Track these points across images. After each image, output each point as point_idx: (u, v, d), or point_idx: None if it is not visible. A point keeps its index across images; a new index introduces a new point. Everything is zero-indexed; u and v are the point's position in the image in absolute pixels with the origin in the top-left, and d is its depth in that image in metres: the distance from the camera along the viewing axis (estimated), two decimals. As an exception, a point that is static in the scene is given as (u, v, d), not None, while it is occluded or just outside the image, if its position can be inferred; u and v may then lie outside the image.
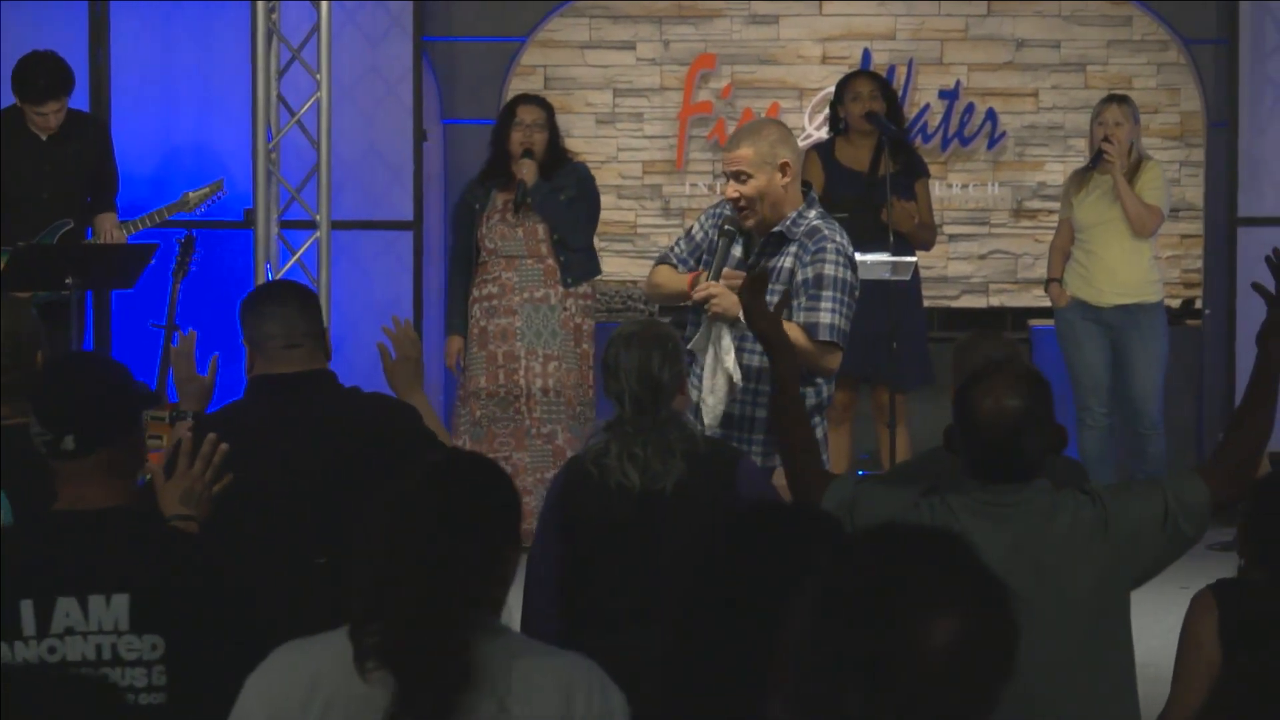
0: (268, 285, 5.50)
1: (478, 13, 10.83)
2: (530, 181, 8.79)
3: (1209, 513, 4.15)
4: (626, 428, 4.89)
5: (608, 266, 11.12)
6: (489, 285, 8.95)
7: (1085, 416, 9.32)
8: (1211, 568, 4.97)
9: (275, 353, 4.77)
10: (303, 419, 4.72)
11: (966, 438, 4.08)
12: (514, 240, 8.91)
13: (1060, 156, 11.12)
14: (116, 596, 3.54)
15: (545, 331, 8.92)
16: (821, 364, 5.84)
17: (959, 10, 11.19)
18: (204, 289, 9.75)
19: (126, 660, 3.54)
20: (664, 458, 4.84)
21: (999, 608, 2.13)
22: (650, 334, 4.98)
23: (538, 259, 8.91)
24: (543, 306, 8.92)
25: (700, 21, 11.21)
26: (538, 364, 8.88)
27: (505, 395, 8.85)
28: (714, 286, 5.79)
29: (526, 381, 8.87)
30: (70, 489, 3.66)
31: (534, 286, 8.92)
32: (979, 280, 11.26)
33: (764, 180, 5.91)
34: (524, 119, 8.90)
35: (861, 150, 9.23)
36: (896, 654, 2.08)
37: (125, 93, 10.33)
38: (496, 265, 8.94)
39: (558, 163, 8.93)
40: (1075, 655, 4.02)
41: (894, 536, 2.19)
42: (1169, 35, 10.99)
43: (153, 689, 3.54)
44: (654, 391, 4.90)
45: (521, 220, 8.90)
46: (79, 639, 3.54)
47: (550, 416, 8.89)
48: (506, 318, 8.92)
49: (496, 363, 8.89)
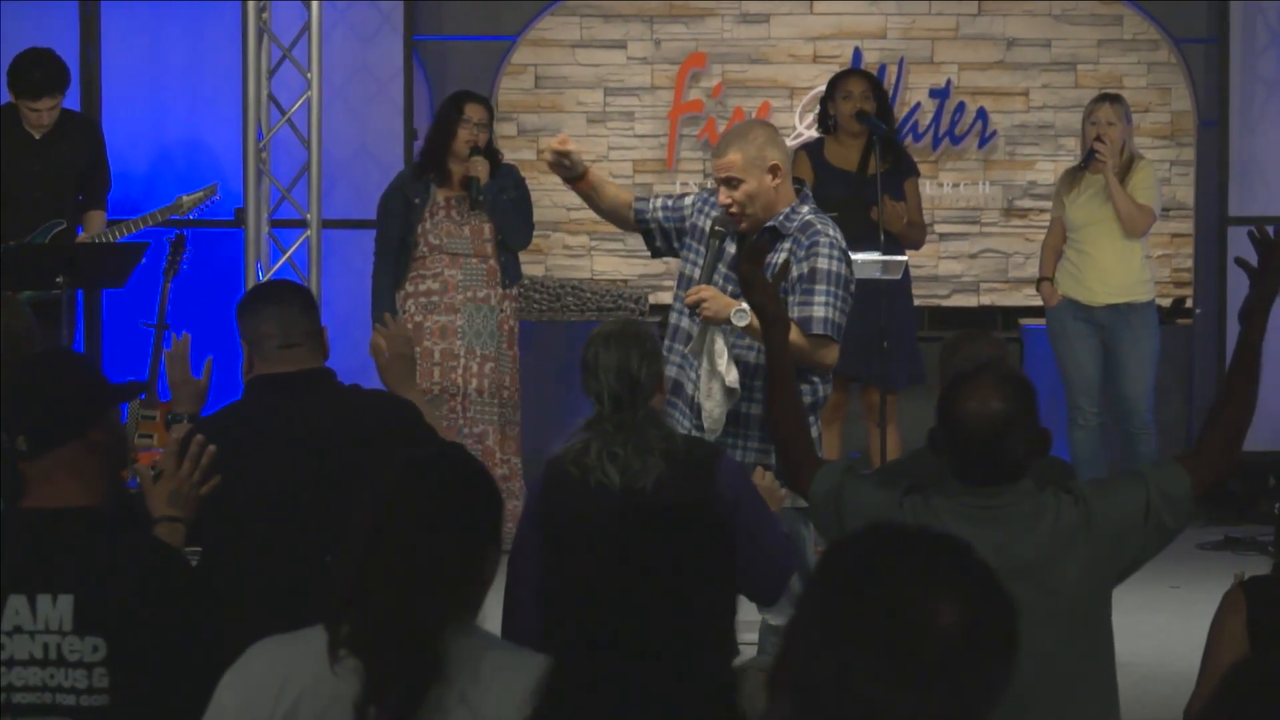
0: (264, 285, 5.49)
1: (468, 11, 10.83)
2: (484, 179, 8.80)
3: (1192, 502, 4.14)
4: (606, 426, 4.89)
5: (599, 265, 11.14)
6: (428, 281, 8.92)
7: (1076, 416, 9.32)
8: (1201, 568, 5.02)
9: (273, 353, 4.76)
10: (303, 418, 4.71)
11: (950, 439, 4.07)
12: (460, 238, 8.90)
13: (1051, 156, 11.13)
14: (62, 597, 3.54)
15: (485, 332, 8.93)
16: (816, 358, 5.83)
17: (950, 9, 11.19)
18: (195, 288, 9.75)
19: (69, 661, 3.53)
20: (643, 456, 4.83)
21: (1001, 596, 2.16)
22: (629, 333, 4.98)
23: (482, 258, 8.92)
24: (484, 307, 8.92)
25: (691, 20, 11.21)
26: (475, 364, 8.88)
27: (439, 394, 8.81)
28: (705, 290, 5.78)
29: (463, 381, 8.85)
30: (37, 487, 3.67)
31: (477, 286, 8.92)
32: (970, 279, 11.26)
33: (754, 184, 5.91)
34: (472, 117, 8.90)
35: (851, 150, 9.23)
36: (907, 634, 2.10)
37: (116, 92, 10.33)
38: (438, 261, 8.90)
39: (496, 163, 8.97)
40: (1059, 653, 4.02)
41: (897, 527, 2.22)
42: (1160, 34, 11.00)
43: (94, 690, 3.53)
44: (633, 390, 4.89)
45: (469, 219, 8.90)
46: (26, 637, 3.54)
47: (482, 416, 8.90)
48: (447, 315, 8.89)
49: (433, 360, 8.85)
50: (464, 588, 3.16)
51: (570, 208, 11.10)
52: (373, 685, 3.08)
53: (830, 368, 5.90)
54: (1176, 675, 4.94)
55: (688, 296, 5.85)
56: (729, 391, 5.81)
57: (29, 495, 3.68)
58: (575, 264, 11.15)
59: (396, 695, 3.08)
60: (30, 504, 3.67)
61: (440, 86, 10.68)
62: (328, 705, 3.12)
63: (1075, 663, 4.07)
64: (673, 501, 4.72)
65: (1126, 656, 4.98)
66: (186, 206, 9.18)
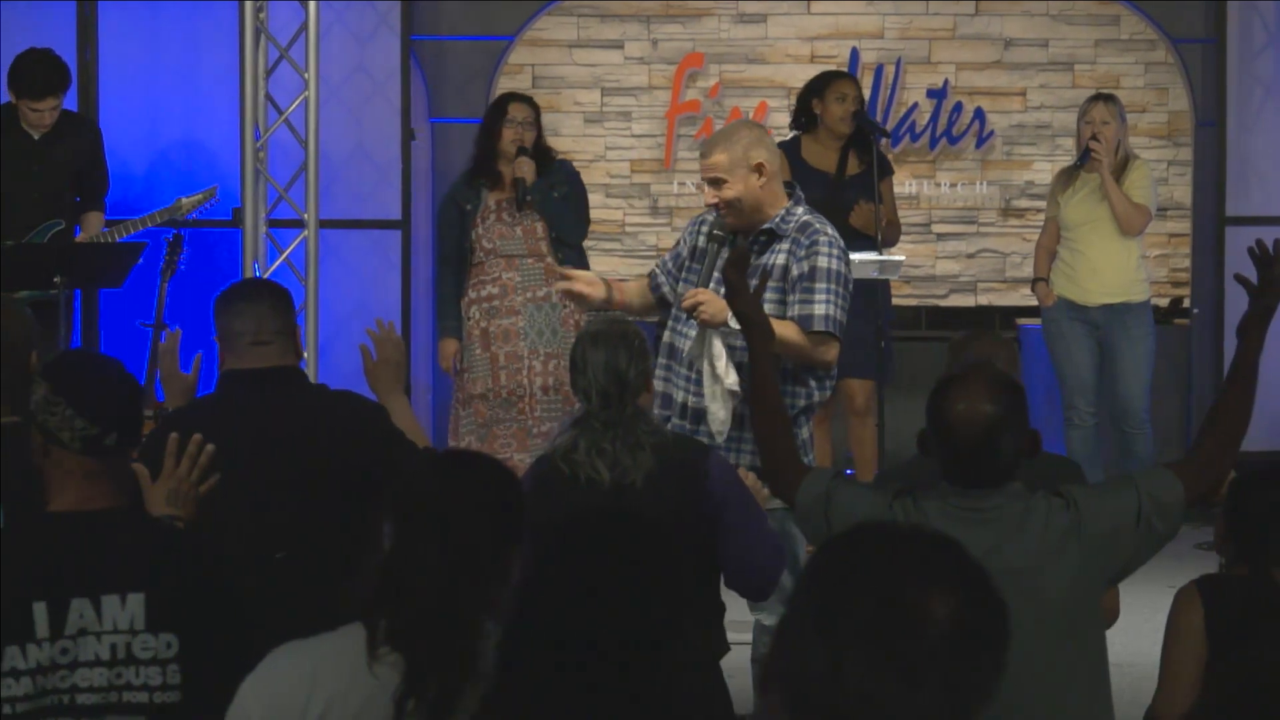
0: (240, 283, 5.52)
1: (465, 12, 10.84)
2: (530, 179, 8.76)
3: (1183, 510, 4.14)
4: (594, 423, 4.91)
5: (596, 265, 11.12)
6: (488, 286, 8.89)
7: (1072, 416, 9.32)
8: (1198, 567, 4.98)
9: (244, 349, 4.80)
10: (270, 414, 4.75)
11: (940, 441, 4.07)
12: (514, 240, 8.86)
13: (1048, 156, 11.13)
14: (132, 596, 3.54)
15: (547, 330, 8.89)
16: (817, 356, 5.84)
17: (947, 9, 11.19)
18: (192, 288, 9.74)
19: (141, 659, 3.54)
20: (633, 452, 4.85)
21: (991, 591, 2.18)
22: (616, 331, 5.00)
23: (538, 258, 8.87)
24: (545, 305, 8.88)
25: (688, 20, 11.21)
26: (539, 363, 8.85)
27: (509, 396, 8.80)
28: (702, 293, 5.78)
29: (529, 381, 8.84)
30: (78, 488, 3.65)
31: (536, 285, 8.88)
32: (967, 279, 11.26)
33: (740, 184, 5.92)
34: (515, 116, 8.86)
35: (830, 150, 9.19)
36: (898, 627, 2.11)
37: (113, 92, 10.33)
38: (496, 266, 8.87)
39: (547, 161, 8.92)
40: (1050, 656, 4.01)
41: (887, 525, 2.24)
42: (1157, 34, 11.00)
43: (167, 688, 3.55)
44: (620, 387, 4.91)
45: (520, 219, 8.87)
46: (92, 639, 3.54)
47: (550, 414, 8.87)
48: (509, 318, 8.87)
49: (499, 364, 8.84)
50: (496, 583, 3.18)
51: (568, 208, 11.10)
52: (413, 678, 3.09)
53: (831, 365, 5.91)
54: (1174, 675, 4.97)
55: (684, 300, 5.85)
56: (729, 394, 5.81)
57: (56, 499, 3.67)
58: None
59: (436, 689, 3.09)
60: (63, 507, 3.66)
61: (437, 87, 10.68)
62: (363, 707, 3.13)
63: (1066, 666, 4.06)
64: (660, 497, 4.75)
65: (1124, 656, 4.98)
66: (186, 209, 9.18)
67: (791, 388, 5.85)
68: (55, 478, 3.67)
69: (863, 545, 2.20)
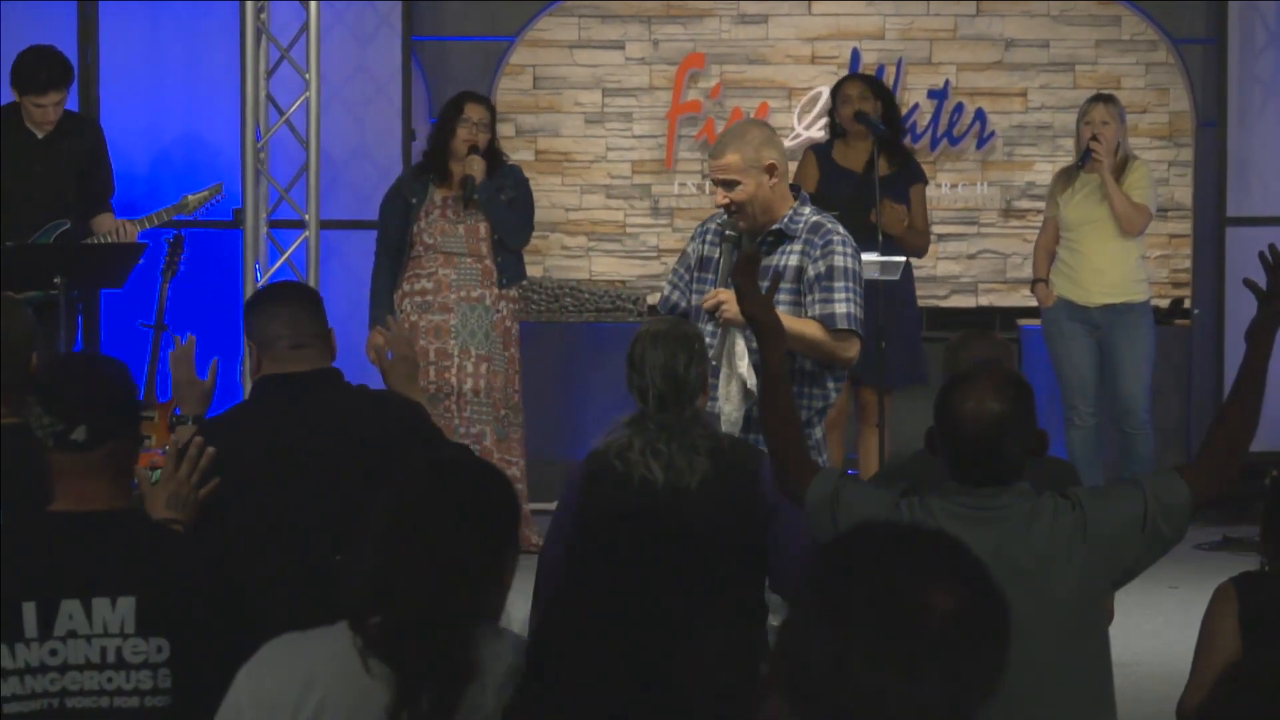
0: (274, 286, 5.51)
1: (466, 12, 10.84)
2: (480, 178, 8.79)
3: (1189, 513, 4.14)
4: (649, 424, 4.90)
5: (597, 266, 11.13)
6: (422, 280, 8.91)
7: (1073, 416, 9.32)
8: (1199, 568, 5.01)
9: (282, 353, 4.76)
10: (312, 418, 4.71)
11: (947, 440, 4.08)
12: (454, 237, 8.88)
13: (1049, 156, 11.13)
14: (122, 599, 3.53)
15: (479, 332, 8.91)
16: (840, 353, 5.88)
17: (948, 10, 11.19)
18: (193, 289, 9.75)
19: (131, 663, 3.53)
20: (688, 455, 4.85)
21: (991, 581, 2.19)
22: (677, 333, 5.00)
23: (477, 258, 8.90)
24: (478, 306, 8.91)
25: (689, 21, 11.21)
26: (470, 364, 8.87)
27: (435, 393, 8.79)
28: (723, 293, 5.77)
29: (458, 380, 8.84)
30: (73, 488, 3.63)
31: (471, 285, 8.90)
32: (968, 280, 11.26)
33: (752, 185, 5.92)
34: (471, 116, 8.91)
35: (859, 152, 9.27)
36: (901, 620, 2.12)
37: (114, 92, 10.33)
38: (433, 261, 8.89)
39: (497, 163, 8.96)
40: (1055, 657, 4.02)
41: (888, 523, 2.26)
42: (1158, 35, 11.00)
43: (158, 691, 3.53)
44: (678, 389, 4.91)
45: (463, 217, 8.89)
46: (82, 641, 3.52)
47: (479, 417, 8.88)
48: (440, 314, 8.88)
49: (427, 359, 8.83)
50: (488, 590, 3.17)
51: (569, 209, 11.10)
52: (405, 690, 3.08)
53: (853, 362, 5.96)
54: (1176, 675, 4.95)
55: (705, 301, 5.85)
56: (747, 393, 5.82)
57: (58, 499, 3.65)
58: (573, 265, 11.15)
59: (429, 700, 3.08)
60: (62, 507, 3.64)
61: (438, 87, 10.68)
62: (358, 705, 3.11)
63: (1070, 666, 4.07)
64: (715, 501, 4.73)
65: (1126, 656, 4.98)
66: (192, 206, 9.17)
67: (809, 389, 5.87)
68: (56, 479, 3.66)
69: (864, 543, 2.21)
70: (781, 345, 4.61)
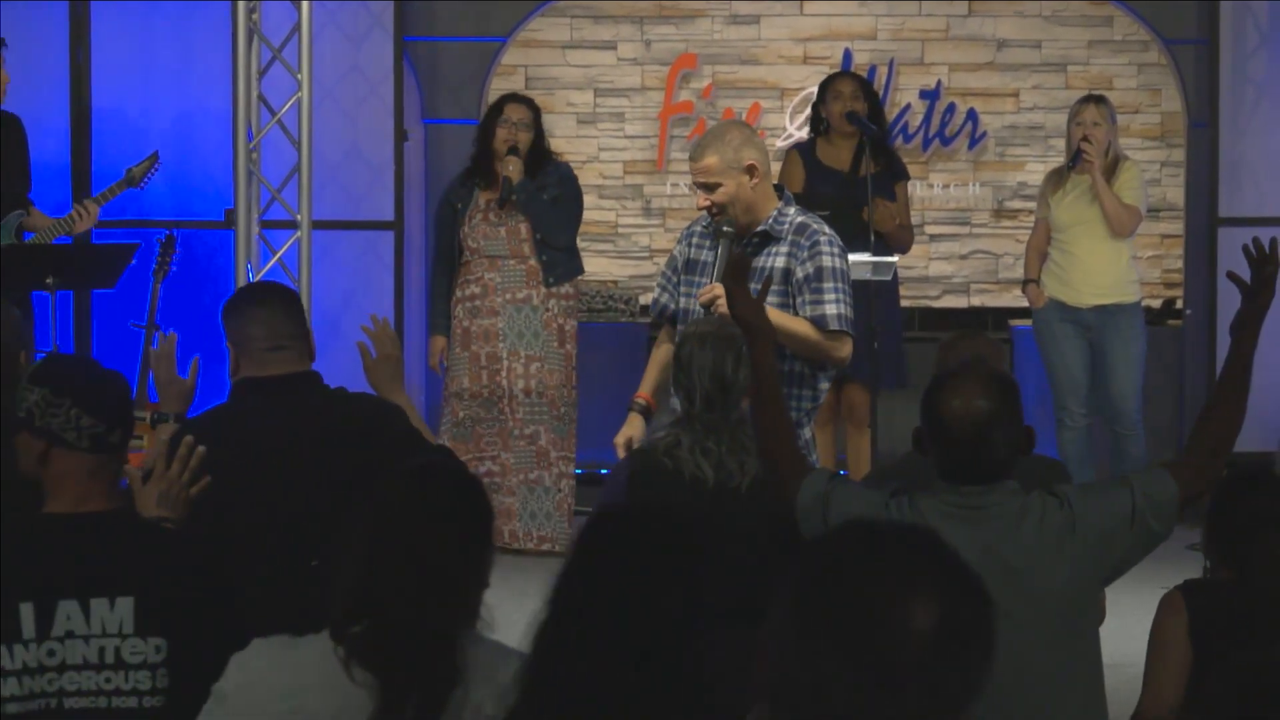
0: (250, 287, 5.48)
1: (459, 12, 10.83)
2: (515, 179, 8.75)
3: (1178, 509, 4.15)
4: (695, 425, 4.91)
5: (589, 266, 11.12)
6: (471, 285, 8.90)
7: (1064, 417, 9.32)
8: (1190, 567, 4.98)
9: (260, 355, 4.73)
10: (290, 421, 4.69)
11: (934, 438, 4.07)
12: (496, 240, 8.86)
13: (1041, 157, 11.13)
14: (121, 599, 3.53)
15: (527, 332, 8.88)
16: (834, 354, 5.87)
17: (940, 10, 11.20)
18: (184, 289, 9.74)
19: (130, 664, 3.53)
20: (739, 456, 4.86)
21: (976, 591, 2.15)
22: (725, 334, 5.01)
23: (520, 259, 8.86)
24: (524, 307, 8.88)
25: (681, 21, 11.21)
26: (519, 365, 8.84)
27: (489, 396, 8.81)
28: (718, 288, 5.77)
29: (509, 383, 8.83)
30: (77, 489, 3.64)
31: (516, 287, 8.88)
32: (960, 280, 11.27)
33: (733, 186, 5.91)
34: (510, 117, 8.86)
35: (843, 150, 9.23)
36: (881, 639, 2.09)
37: (106, 92, 10.32)
38: (479, 265, 8.88)
39: (542, 162, 8.90)
40: (1044, 655, 4.02)
41: (869, 526, 2.21)
42: (1150, 35, 11.01)
43: (156, 692, 3.54)
44: (724, 391, 4.93)
45: (504, 220, 8.86)
46: (79, 642, 3.53)
47: (533, 418, 8.86)
48: (489, 318, 8.88)
49: (479, 363, 8.85)
50: (469, 593, 3.17)
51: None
52: (389, 698, 3.07)
53: (845, 362, 5.95)
54: (1167, 676, 4.99)
55: (701, 295, 5.85)
56: None
57: (53, 501, 3.66)
58: (565, 265, 11.14)
59: (414, 707, 3.07)
60: (60, 509, 3.65)
61: (431, 87, 10.68)
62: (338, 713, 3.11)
63: (1060, 665, 4.07)
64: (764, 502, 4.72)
65: (1118, 657, 4.98)
66: (138, 177, 9.02)
67: (798, 390, 5.87)
68: (53, 481, 3.66)
69: (842, 553, 2.17)
70: (772, 347, 4.61)
